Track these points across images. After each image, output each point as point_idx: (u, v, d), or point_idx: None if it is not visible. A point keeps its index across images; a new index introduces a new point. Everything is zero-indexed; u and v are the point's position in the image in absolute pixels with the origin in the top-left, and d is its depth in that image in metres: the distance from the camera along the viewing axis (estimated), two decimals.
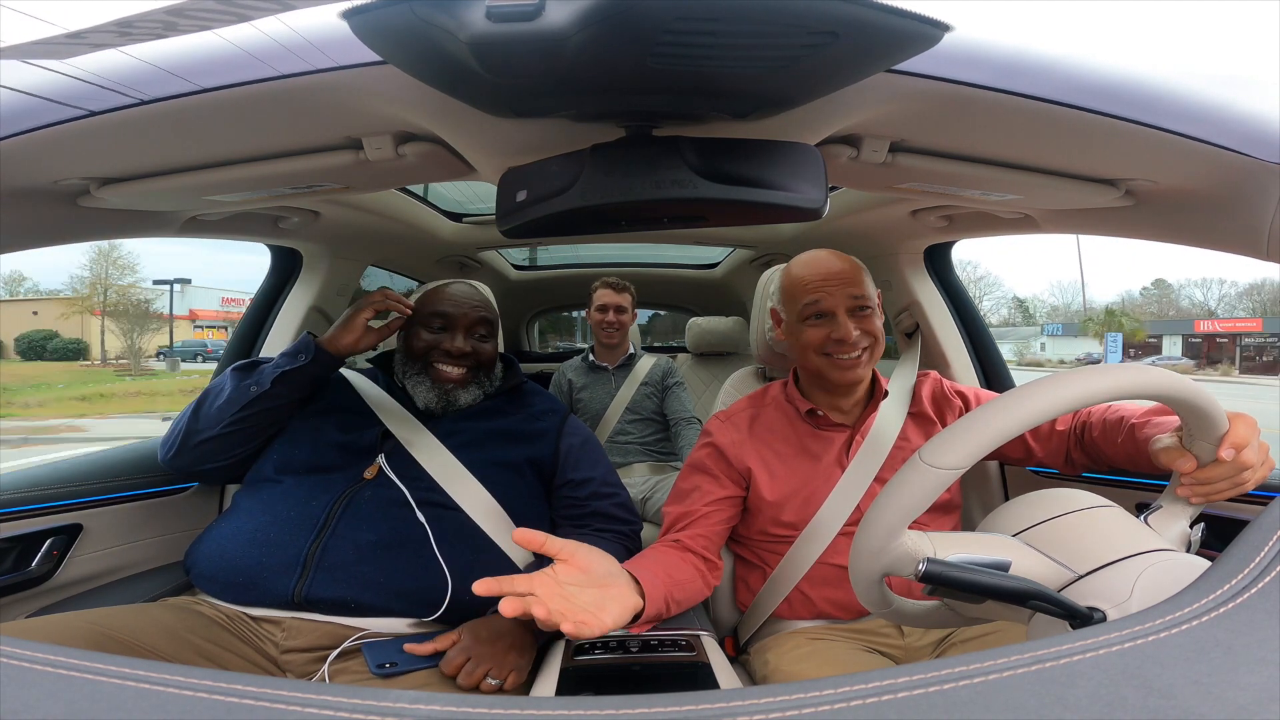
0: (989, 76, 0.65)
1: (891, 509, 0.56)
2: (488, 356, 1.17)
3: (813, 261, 1.06)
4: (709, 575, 0.97)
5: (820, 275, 1.03)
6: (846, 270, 1.03)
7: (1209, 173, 0.76)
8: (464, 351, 1.13)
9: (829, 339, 1.01)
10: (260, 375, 1.06)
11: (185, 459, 1.08)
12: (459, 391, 1.13)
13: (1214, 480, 0.64)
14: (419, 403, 1.13)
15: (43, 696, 0.29)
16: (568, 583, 0.71)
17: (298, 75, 0.64)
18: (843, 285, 1.01)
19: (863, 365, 1.02)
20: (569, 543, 0.74)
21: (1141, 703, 0.28)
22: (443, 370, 1.12)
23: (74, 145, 0.73)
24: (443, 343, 1.13)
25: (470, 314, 1.15)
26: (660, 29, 0.47)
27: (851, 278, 1.02)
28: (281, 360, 1.07)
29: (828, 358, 1.02)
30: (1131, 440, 0.88)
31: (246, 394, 1.04)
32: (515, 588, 0.66)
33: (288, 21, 0.59)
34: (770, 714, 0.28)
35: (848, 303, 1.01)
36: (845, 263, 1.05)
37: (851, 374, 1.02)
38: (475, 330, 1.16)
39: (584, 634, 0.67)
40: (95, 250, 25.67)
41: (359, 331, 1.10)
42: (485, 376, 1.17)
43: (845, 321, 1.00)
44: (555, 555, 0.72)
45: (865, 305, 1.02)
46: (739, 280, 2.69)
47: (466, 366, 1.13)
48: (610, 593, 0.75)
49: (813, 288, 1.03)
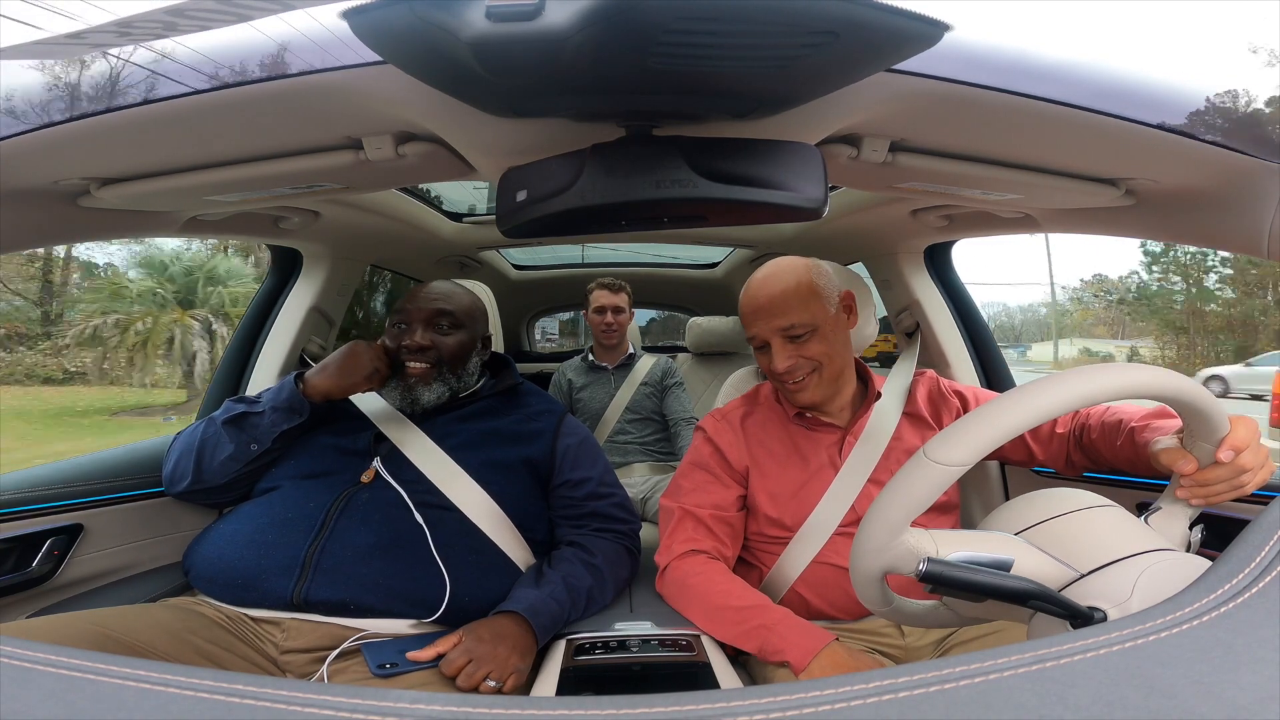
0: (989, 76, 0.65)
1: (895, 506, 0.56)
2: (450, 350, 1.13)
3: (750, 287, 1.05)
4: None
5: (752, 308, 1.03)
6: (775, 299, 1.00)
7: (1209, 172, 0.76)
8: (422, 345, 1.11)
9: (769, 367, 1.03)
10: (258, 431, 1.05)
11: (194, 500, 1.14)
12: (420, 388, 1.11)
13: (1213, 482, 0.64)
14: (391, 404, 1.13)
15: (43, 696, 0.29)
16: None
17: (298, 75, 0.64)
18: (769, 318, 1.00)
19: (810, 388, 1.02)
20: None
21: (1142, 702, 0.28)
22: (407, 366, 1.11)
23: (74, 145, 0.73)
24: (404, 339, 1.12)
25: (426, 307, 1.13)
26: (660, 29, 0.47)
27: (779, 308, 1.00)
28: (277, 418, 1.05)
29: (781, 382, 1.04)
30: (1130, 444, 0.88)
31: (249, 452, 1.05)
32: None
33: (288, 21, 0.59)
34: (770, 714, 0.28)
35: (778, 334, 1.00)
36: (777, 287, 1.01)
37: (799, 398, 1.03)
38: (434, 323, 1.13)
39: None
40: None
41: (355, 391, 1.09)
42: (451, 372, 1.14)
43: (778, 353, 1.00)
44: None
45: (797, 333, 1.00)
46: (739, 280, 2.68)
47: (428, 362, 1.11)
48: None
49: (747, 319, 1.04)
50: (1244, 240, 0.82)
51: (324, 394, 1.06)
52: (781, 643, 0.84)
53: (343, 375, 1.06)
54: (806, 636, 0.84)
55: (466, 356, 1.16)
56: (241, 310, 3.68)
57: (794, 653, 0.82)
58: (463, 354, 1.15)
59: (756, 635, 0.87)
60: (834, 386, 1.05)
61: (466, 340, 1.16)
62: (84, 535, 1.07)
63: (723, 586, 0.94)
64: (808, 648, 0.82)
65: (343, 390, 1.07)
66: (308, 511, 0.97)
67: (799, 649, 0.83)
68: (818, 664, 0.81)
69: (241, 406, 1.09)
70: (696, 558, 0.99)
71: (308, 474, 1.04)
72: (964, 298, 1.56)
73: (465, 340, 1.16)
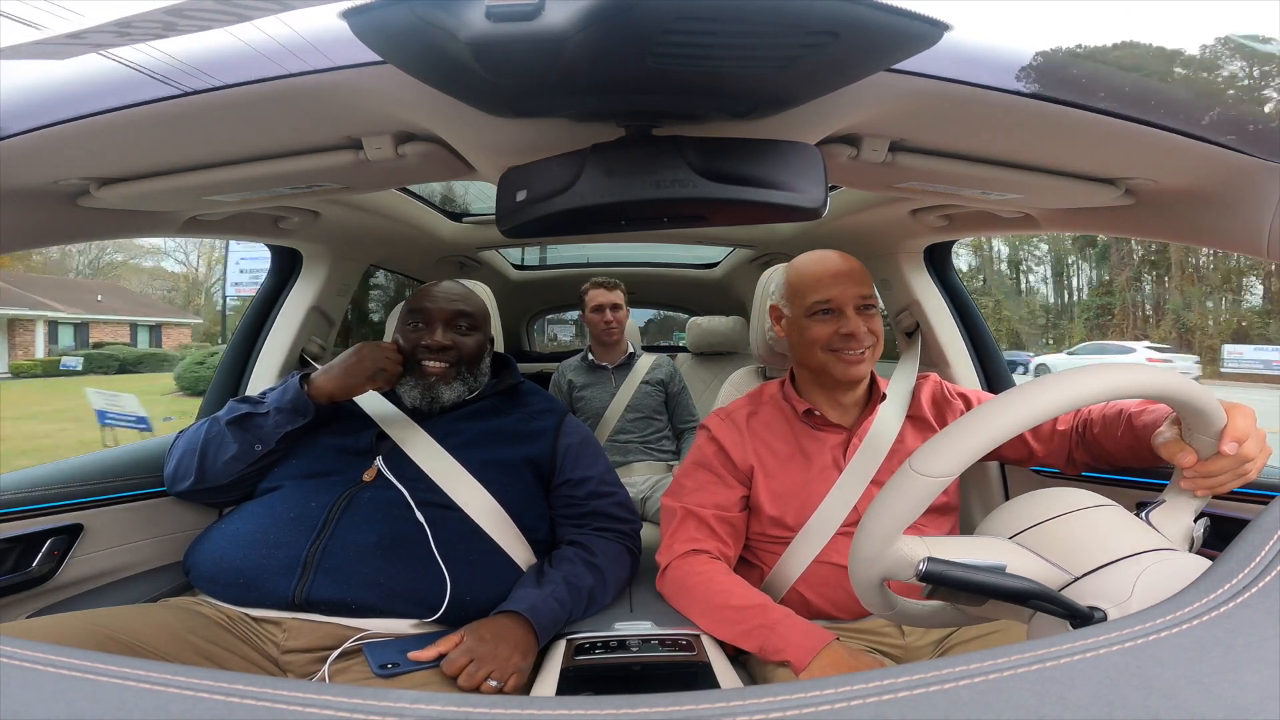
0: (989, 76, 0.65)
1: (885, 517, 0.56)
2: (470, 350, 1.16)
3: (822, 259, 1.08)
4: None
5: (831, 272, 1.05)
6: (855, 270, 1.06)
7: (1209, 172, 0.76)
8: (443, 345, 1.12)
9: (836, 334, 1.02)
10: (263, 432, 1.06)
11: (197, 499, 1.14)
12: (441, 387, 1.12)
13: (1217, 473, 0.64)
14: (407, 401, 1.13)
15: (43, 696, 0.29)
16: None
17: (298, 75, 0.64)
18: (852, 284, 1.04)
19: (865, 362, 1.04)
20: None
21: (1142, 702, 0.28)
22: (426, 365, 1.12)
23: (74, 145, 0.73)
24: (423, 338, 1.13)
25: (446, 307, 1.15)
26: (660, 29, 0.47)
27: (860, 277, 1.05)
28: (281, 419, 1.06)
29: (833, 353, 1.03)
30: (1131, 431, 0.88)
31: (252, 452, 1.06)
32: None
33: (288, 21, 0.59)
34: (770, 714, 0.28)
35: (856, 300, 1.03)
36: (852, 263, 1.07)
37: (855, 370, 1.03)
38: (454, 323, 1.15)
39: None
40: None
41: (360, 392, 1.09)
42: (469, 372, 1.16)
43: (854, 317, 1.02)
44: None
45: (872, 304, 1.05)
46: (739, 280, 2.69)
47: (448, 361, 1.13)
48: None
49: (824, 284, 1.04)
50: (1244, 240, 0.82)
51: (328, 395, 1.06)
52: (782, 642, 0.84)
53: (347, 376, 1.07)
54: (807, 636, 0.84)
55: (482, 357, 1.19)
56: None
57: (794, 652, 0.83)
58: (479, 354, 1.18)
59: (757, 635, 0.87)
60: (870, 370, 1.08)
61: (482, 341, 1.20)
62: (84, 535, 1.07)
63: (723, 586, 0.94)
64: (808, 647, 0.82)
65: (347, 391, 1.07)
66: (309, 511, 0.97)
67: (799, 649, 0.83)
68: (818, 664, 0.81)
69: (245, 407, 1.09)
70: (698, 557, 0.99)
71: (309, 473, 1.04)
72: (964, 298, 1.55)
73: (481, 341, 1.19)
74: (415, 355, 1.13)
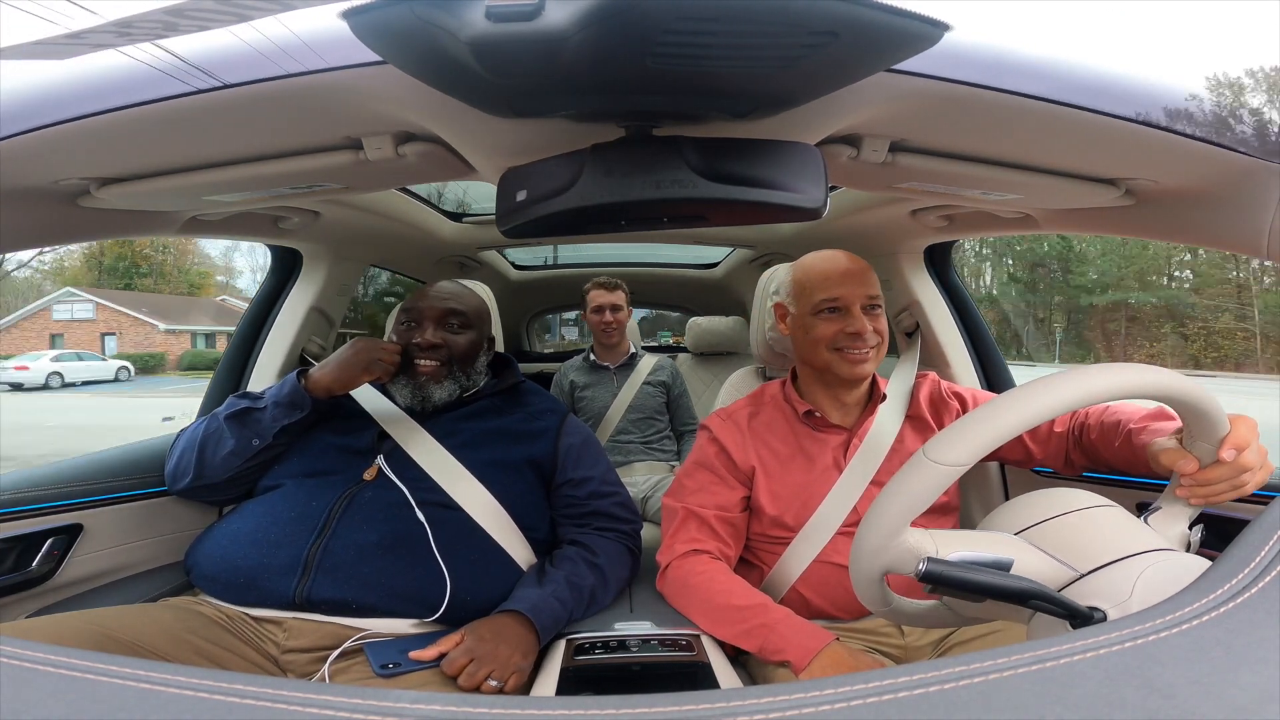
0: (989, 76, 0.65)
1: (895, 505, 0.56)
2: (461, 348, 1.15)
3: (831, 258, 1.08)
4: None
5: (839, 271, 1.05)
6: (863, 270, 1.06)
7: (1209, 172, 0.76)
8: (433, 343, 1.12)
9: (842, 333, 1.02)
10: (260, 426, 1.06)
11: (196, 496, 1.14)
12: (432, 386, 1.12)
13: (1214, 481, 0.64)
14: (400, 401, 1.13)
15: (43, 696, 0.29)
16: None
17: (298, 75, 0.64)
18: (860, 284, 1.04)
19: (870, 361, 1.04)
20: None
21: (1142, 702, 0.28)
22: (417, 364, 1.12)
23: (74, 145, 0.73)
24: (414, 337, 1.13)
25: (438, 306, 1.15)
26: (660, 29, 0.47)
27: (867, 278, 1.06)
28: (279, 413, 1.06)
29: (839, 352, 1.03)
30: (1129, 445, 0.88)
31: (250, 447, 1.05)
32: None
33: (287, 22, 0.59)
34: (770, 714, 0.28)
35: (863, 300, 1.03)
36: (860, 263, 1.08)
37: (860, 369, 1.03)
38: (445, 322, 1.15)
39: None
40: None
41: (355, 384, 1.09)
42: (462, 371, 1.15)
43: (861, 316, 1.02)
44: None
45: (878, 304, 1.05)
46: (739, 280, 2.69)
47: (439, 360, 1.13)
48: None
49: (831, 283, 1.05)
50: (1243, 240, 0.82)
51: (325, 388, 1.06)
52: (782, 642, 0.84)
53: (343, 369, 1.07)
54: (807, 636, 0.84)
55: (475, 356, 1.18)
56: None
57: (794, 652, 0.83)
58: (472, 353, 1.17)
59: (757, 634, 0.87)
60: (874, 369, 1.08)
61: (476, 340, 1.18)
62: (84, 535, 1.07)
63: (724, 586, 0.94)
64: (808, 647, 0.82)
65: (343, 384, 1.07)
66: (311, 510, 0.97)
67: (799, 648, 0.83)
68: (818, 664, 0.81)
69: (244, 402, 1.09)
70: (699, 558, 0.99)
71: (310, 472, 1.04)
72: (963, 298, 1.56)
73: (475, 339, 1.18)
74: (408, 354, 1.13)
